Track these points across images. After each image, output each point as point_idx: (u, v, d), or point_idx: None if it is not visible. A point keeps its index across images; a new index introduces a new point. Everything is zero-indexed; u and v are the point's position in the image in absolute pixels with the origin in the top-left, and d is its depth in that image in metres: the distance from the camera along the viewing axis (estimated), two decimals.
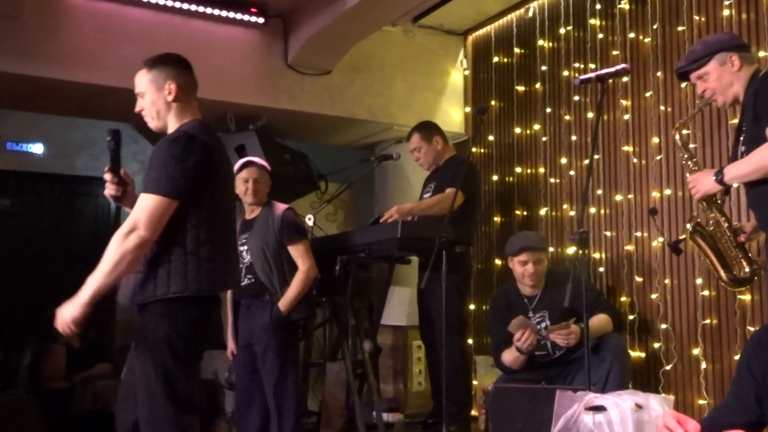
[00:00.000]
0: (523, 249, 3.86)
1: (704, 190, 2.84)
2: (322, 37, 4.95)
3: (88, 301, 2.39)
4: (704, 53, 2.86)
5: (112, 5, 4.74)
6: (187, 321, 2.55)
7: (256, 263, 3.84)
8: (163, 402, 2.49)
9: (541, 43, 5.07)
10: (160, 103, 2.68)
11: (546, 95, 5.02)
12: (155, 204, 2.45)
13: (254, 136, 5.10)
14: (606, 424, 2.57)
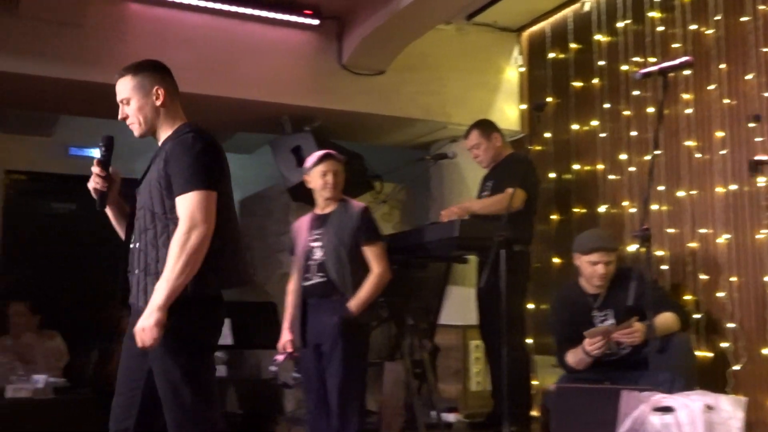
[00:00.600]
0: (595, 249, 3.76)
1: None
2: (376, 38, 4.96)
3: (164, 305, 2.40)
4: None
5: (169, 11, 4.82)
6: (206, 317, 2.58)
7: (329, 261, 3.72)
8: (192, 401, 2.49)
9: (599, 37, 4.99)
10: (148, 108, 2.67)
11: (604, 90, 4.93)
12: (201, 198, 2.48)
13: (310, 137, 5.14)
14: (674, 426, 2.51)
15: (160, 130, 2.69)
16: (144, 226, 2.60)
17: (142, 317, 2.43)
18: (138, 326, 2.43)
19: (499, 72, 5.71)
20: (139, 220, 2.63)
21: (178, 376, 2.49)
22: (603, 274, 3.73)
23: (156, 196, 2.57)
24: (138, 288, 2.59)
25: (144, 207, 2.61)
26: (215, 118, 5.58)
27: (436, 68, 5.51)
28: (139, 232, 2.62)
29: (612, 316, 3.72)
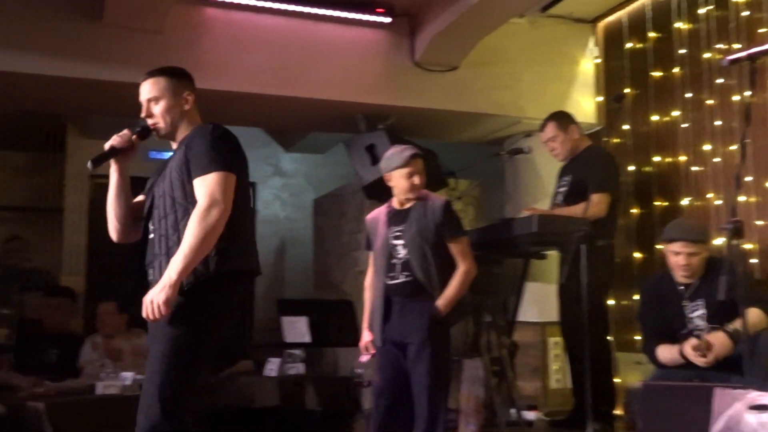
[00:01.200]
0: (675, 239, 3.65)
1: None
2: (448, 34, 4.93)
3: (177, 280, 2.43)
4: None
5: (245, 14, 4.90)
6: (214, 298, 2.58)
7: (413, 259, 3.61)
8: (175, 377, 2.48)
9: (679, 25, 4.84)
10: (176, 110, 2.74)
11: (685, 80, 4.79)
12: (221, 178, 2.52)
13: (384, 135, 5.15)
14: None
15: (179, 132, 2.74)
16: (164, 213, 2.63)
17: (154, 290, 2.45)
18: (147, 297, 2.45)
19: (574, 64, 5.61)
20: (158, 208, 2.66)
21: (169, 349, 2.50)
22: (684, 265, 3.60)
23: (177, 182, 2.62)
24: (160, 272, 2.59)
25: (164, 194, 2.65)
26: (290, 118, 5.67)
27: (510, 62, 5.45)
28: (158, 219, 2.65)
29: (703, 307, 3.59)
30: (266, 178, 7.75)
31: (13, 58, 4.38)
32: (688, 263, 3.57)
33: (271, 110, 5.36)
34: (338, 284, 6.35)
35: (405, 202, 3.74)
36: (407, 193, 3.70)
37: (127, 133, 2.74)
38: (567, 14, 5.50)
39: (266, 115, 5.68)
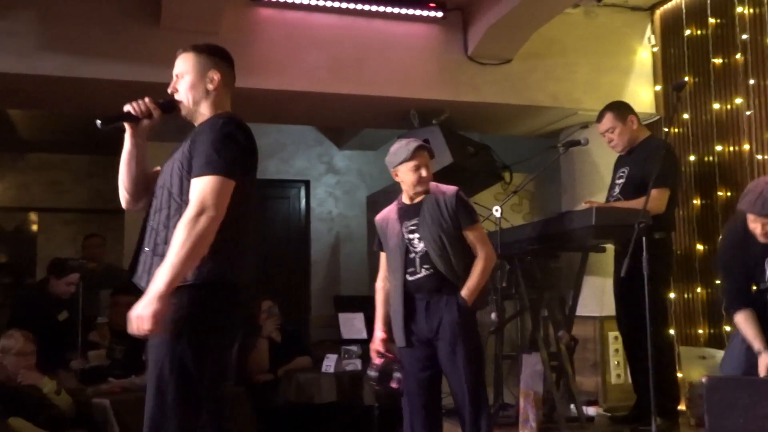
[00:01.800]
0: (752, 212, 3.30)
1: None
2: (501, 26, 4.90)
3: (165, 293, 2.25)
4: None
5: (299, 13, 4.94)
6: (214, 308, 2.42)
7: (432, 251, 3.52)
8: (172, 400, 2.34)
9: (741, 9, 4.72)
10: (200, 89, 2.60)
11: (748, 66, 4.67)
12: (216, 183, 2.35)
13: (437, 130, 5.15)
14: None
15: (201, 114, 2.61)
16: (159, 205, 2.52)
17: (140, 303, 2.27)
18: (134, 312, 2.26)
19: (630, 53, 5.52)
20: (157, 198, 2.54)
21: (167, 371, 2.34)
22: (762, 234, 3.33)
23: (176, 176, 2.49)
24: (144, 267, 2.49)
25: (164, 186, 2.53)
26: (344, 115, 5.70)
27: (564, 54, 5.40)
28: (155, 211, 2.53)
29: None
30: (320, 175, 7.83)
31: (74, 63, 4.49)
32: (763, 232, 3.28)
33: (325, 108, 5.39)
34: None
35: (415, 196, 3.67)
36: (416, 187, 3.63)
37: (148, 103, 2.60)
38: (623, 2, 5.43)
39: (320, 113, 5.72)
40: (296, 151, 7.62)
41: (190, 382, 2.36)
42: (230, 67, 2.70)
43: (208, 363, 2.41)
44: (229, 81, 2.68)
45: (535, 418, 4.26)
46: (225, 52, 2.71)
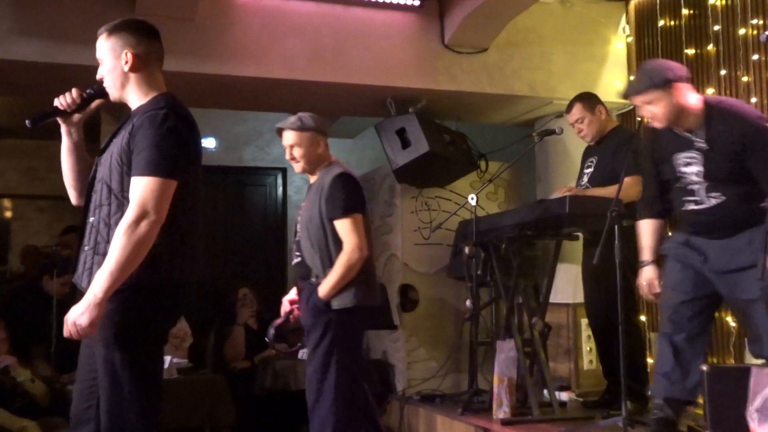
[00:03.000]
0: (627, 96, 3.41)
1: None
2: (478, 15, 4.91)
3: (102, 299, 2.23)
4: None
5: (278, 1, 4.92)
6: (154, 306, 2.40)
7: (302, 240, 3.39)
8: (129, 390, 2.34)
9: (713, 1, 4.78)
10: (118, 72, 2.50)
11: (720, 56, 4.73)
12: (157, 185, 2.30)
13: (414, 118, 5.17)
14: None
15: (130, 97, 2.52)
16: (99, 201, 2.44)
17: (75, 309, 2.25)
18: (69, 316, 2.25)
19: (605, 43, 5.57)
20: (96, 193, 2.47)
21: (118, 363, 2.33)
22: (650, 118, 3.34)
23: (115, 171, 2.40)
24: (84, 266, 2.45)
25: (102, 180, 2.45)
26: (323, 102, 5.69)
27: (540, 43, 5.43)
28: (95, 207, 2.46)
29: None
30: None
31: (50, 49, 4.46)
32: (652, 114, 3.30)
33: (304, 96, 5.39)
34: None
35: (312, 177, 3.55)
36: (297, 169, 3.56)
37: (75, 94, 2.53)
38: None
39: (298, 101, 5.69)
40: (273, 139, 7.55)
41: (144, 373, 2.38)
42: (150, 40, 2.55)
43: (152, 356, 2.46)
44: (151, 57, 2.54)
45: (508, 403, 4.32)
46: (142, 24, 2.57)
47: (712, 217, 3.20)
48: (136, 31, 2.53)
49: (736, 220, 3.15)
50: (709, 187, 3.20)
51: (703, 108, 3.21)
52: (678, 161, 3.28)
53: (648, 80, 3.22)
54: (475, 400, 4.71)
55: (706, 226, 3.23)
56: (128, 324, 2.34)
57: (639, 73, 3.37)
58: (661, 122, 3.24)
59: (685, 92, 3.19)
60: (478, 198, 4.60)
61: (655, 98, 3.18)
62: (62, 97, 2.54)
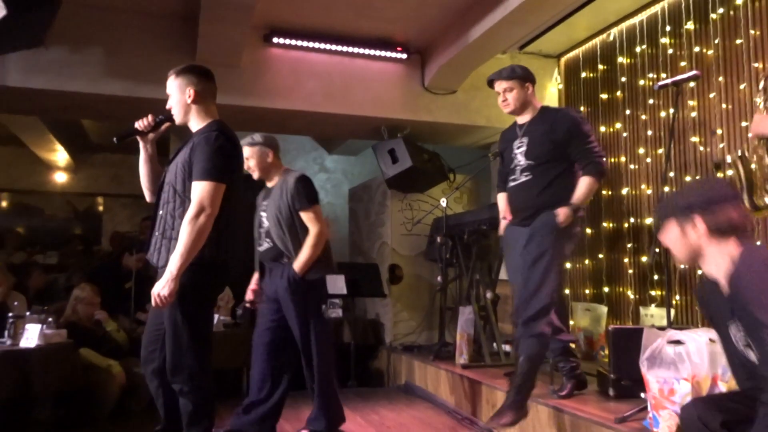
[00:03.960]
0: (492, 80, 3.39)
1: (761, 130, 2.61)
2: (450, 66, 4.93)
3: (177, 275, 2.28)
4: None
5: (300, 52, 4.92)
6: (208, 278, 2.42)
7: (272, 228, 3.22)
8: (188, 342, 2.36)
9: (621, 60, 4.79)
10: (183, 104, 2.52)
11: (625, 100, 4.74)
12: (211, 188, 2.33)
13: (401, 141, 5.17)
14: (685, 354, 2.44)
15: (192, 122, 2.53)
16: (167, 199, 2.47)
17: (159, 283, 2.29)
18: (155, 290, 2.29)
19: (543, 89, 5.57)
20: (165, 193, 2.49)
21: (179, 319, 2.35)
22: (501, 104, 3.29)
23: (180, 176, 2.43)
24: (155, 247, 2.47)
25: (170, 183, 2.47)
26: (334, 129, 5.70)
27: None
28: (163, 203, 2.49)
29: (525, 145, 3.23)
30: (314, 174, 7.77)
31: (131, 86, 4.44)
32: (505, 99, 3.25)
33: (320, 123, 5.40)
34: (367, 252, 6.40)
35: (270, 182, 3.35)
36: (255, 177, 3.36)
37: (150, 119, 2.56)
38: (537, 51, 5.46)
39: (316, 127, 5.72)
40: (297, 155, 7.60)
41: (199, 330, 2.40)
42: (208, 81, 2.57)
43: (205, 317, 2.48)
44: (207, 92, 2.55)
45: (467, 353, 4.35)
46: (200, 69, 2.58)
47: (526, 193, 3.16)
48: (197, 74, 2.56)
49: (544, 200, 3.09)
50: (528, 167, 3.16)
51: (539, 108, 3.25)
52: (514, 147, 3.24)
53: (512, 72, 3.22)
54: (443, 350, 4.74)
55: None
56: (187, 291, 2.33)
57: (508, 67, 3.29)
58: (511, 108, 3.21)
59: (533, 93, 3.23)
60: (447, 201, 4.62)
61: (513, 87, 3.19)
62: (140, 120, 2.56)
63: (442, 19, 4.74)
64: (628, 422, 2.62)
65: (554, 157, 3.10)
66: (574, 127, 3.11)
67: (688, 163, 4.16)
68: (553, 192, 3.08)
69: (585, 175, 3.06)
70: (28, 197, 8.52)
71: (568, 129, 3.09)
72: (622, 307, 4.66)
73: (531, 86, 3.23)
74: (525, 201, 3.17)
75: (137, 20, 4.52)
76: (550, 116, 3.21)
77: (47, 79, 4.28)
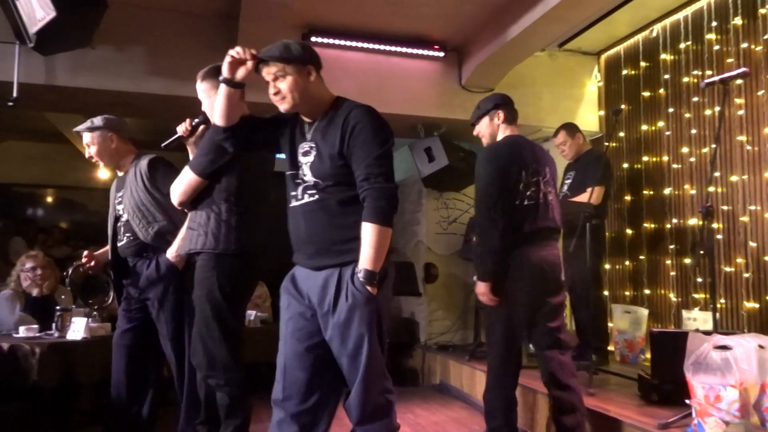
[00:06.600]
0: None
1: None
2: (487, 64, 4.89)
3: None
4: None
5: (337, 51, 4.94)
6: (233, 274, 2.44)
7: (133, 221, 2.86)
8: (219, 335, 2.40)
9: (664, 56, 4.69)
10: (212, 107, 2.37)
11: (668, 98, 4.64)
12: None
13: (437, 139, 5.15)
14: (732, 360, 2.37)
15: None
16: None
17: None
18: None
19: (582, 87, 5.50)
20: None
21: (211, 315, 2.40)
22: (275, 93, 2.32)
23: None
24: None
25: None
26: None
27: (533, 85, 5.37)
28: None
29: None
30: None
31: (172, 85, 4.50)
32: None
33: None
34: (402, 250, 6.39)
35: (120, 170, 3.03)
36: (102, 167, 3.08)
37: (187, 123, 2.58)
38: (577, 48, 5.38)
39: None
40: None
41: (230, 324, 2.42)
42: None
43: (233, 310, 2.46)
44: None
45: None
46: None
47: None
48: (210, 75, 2.54)
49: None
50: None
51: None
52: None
53: (285, 50, 2.03)
54: (478, 350, 4.70)
55: None
56: (217, 285, 2.41)
57: (278, 43, 2.04)
58: (289, 105, 2.05)
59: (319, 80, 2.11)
60: None
61: (286, 72, 2.03)
62: (181, 125, 2.62)
63: (479, 17, 4.70)
64: (671, 428, 2.56)
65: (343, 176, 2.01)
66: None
67: (735, 163, 4.04)
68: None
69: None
70: (71, 193, 8.77)
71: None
72: (663, 310, 4.56)
73: (314, 71, 2.09)
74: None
75: (179, 20, 4.59)
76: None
77: (93, 78, 4.39)
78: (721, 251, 4.08)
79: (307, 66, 2.05)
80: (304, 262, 2.04)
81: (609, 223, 4.95)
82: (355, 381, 1.92)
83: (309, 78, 2.05)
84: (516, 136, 2.99)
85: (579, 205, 3.85)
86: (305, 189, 2.02)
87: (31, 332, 3.42)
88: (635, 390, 3.25)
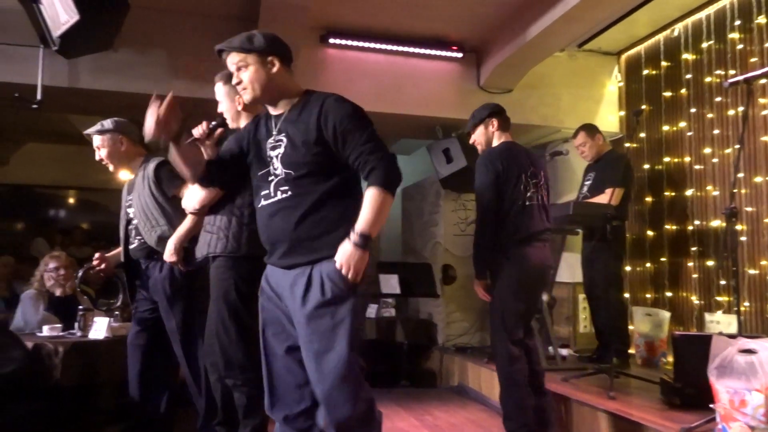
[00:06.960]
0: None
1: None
2: (506, 65, 4.87)
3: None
4: None
5: (354, 52, 4.95)
6: (245, 273, 2.44)
7: (140, 224, 2.91)
8: (235, 335, 2.41)
9: (686, 56, 4.63)
10: (234, 111, 2.58)
11: (690, 98, 4.58)
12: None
13: (456, 141, 5.14)
14: (757, 364, 2.33)
15: (243, 125, 2.44)
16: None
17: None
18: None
19: (602, 87, 5.45)
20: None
21: (226, 315, 2.41)
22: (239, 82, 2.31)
23: None
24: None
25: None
26: (387, 128, 5.71)
27: (552, 86, 5.34)
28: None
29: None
30: None
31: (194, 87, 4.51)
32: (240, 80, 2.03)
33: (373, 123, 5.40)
34: (420, 251, 6.39)
35: (131, 173, 3.09)
36: (112, 170, 3.09)
37: (204, 126, 2.40)
38: (597, 48, 5.34)
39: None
40: None
41: (244, 323, 2.44)
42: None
43: (248, 309, 2.45)
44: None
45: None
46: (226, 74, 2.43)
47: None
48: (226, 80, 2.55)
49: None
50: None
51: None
52: None
53: (248, 41, 2.01)
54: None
55: None
56: (231, 286, 2.43)
57: (242, 34, 2.03)
58: (251, 96, 2.04)
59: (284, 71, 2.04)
60: None
61: (249, 63, 1.99)
62: (197, 128, 2.57)
63: (498, 18, 4.69)
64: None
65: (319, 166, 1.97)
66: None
67: (759, 164, 3.98)
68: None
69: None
70: (93, 194, 8.88)
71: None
72: (685, 312, 4.50)
73: (278, 61, 2.01)
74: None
75: (198, 22, 4.64)
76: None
77: (115, 81, 4.45)
78: (744, 253, 4.02)
79: (269, 57, 2.00)
80: (276, 262, 1.99)
81: (630, 225, 4.89)
82: (323, 386, 1.78)
83: (271, 69, 2.01)
84: (510, 143, 3.08)
85: (599, 207, 3.82)
86: (277, 185, 1.98)
87: (54, 331, 3.48)
88: (657, 394, 3.20)
